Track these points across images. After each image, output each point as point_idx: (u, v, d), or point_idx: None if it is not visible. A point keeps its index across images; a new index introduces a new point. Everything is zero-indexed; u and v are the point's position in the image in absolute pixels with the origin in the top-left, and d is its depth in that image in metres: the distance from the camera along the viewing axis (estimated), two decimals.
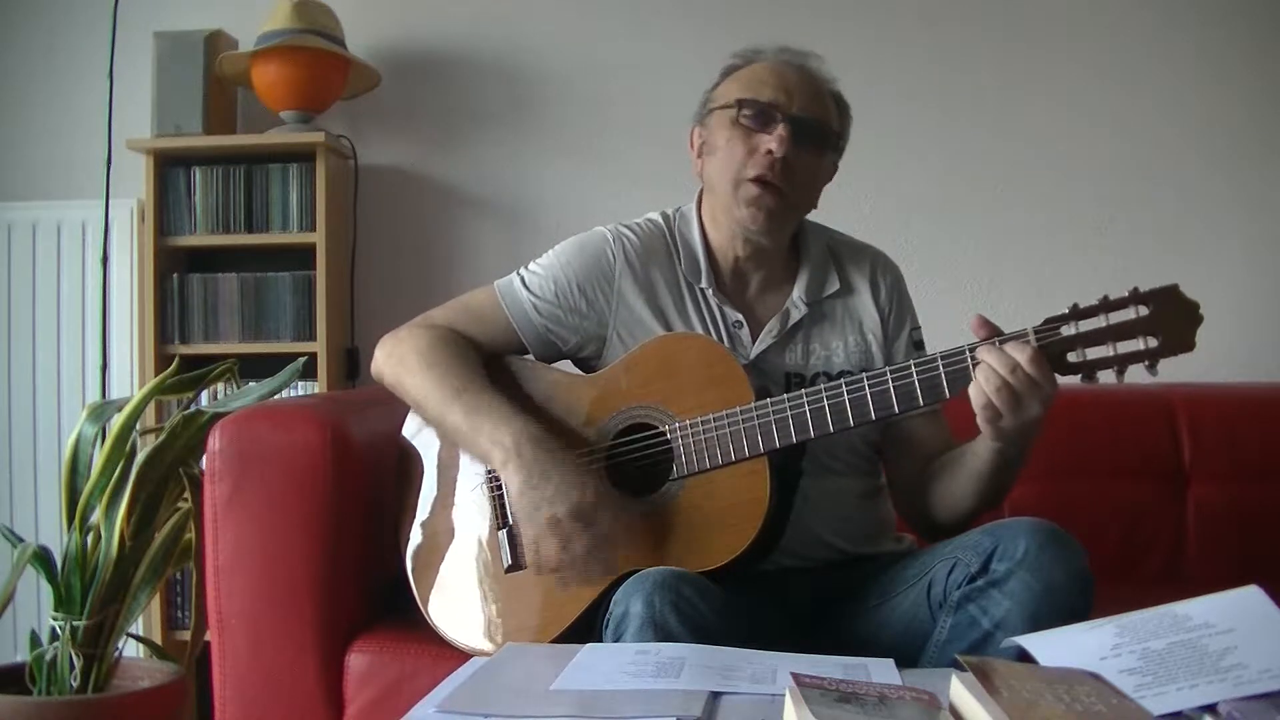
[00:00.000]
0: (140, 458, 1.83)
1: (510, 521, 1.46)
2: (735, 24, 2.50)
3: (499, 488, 1.47)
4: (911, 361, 1.31)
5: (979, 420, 1.26)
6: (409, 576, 1.52)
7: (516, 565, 1.45)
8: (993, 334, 1.27)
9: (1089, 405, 2.06)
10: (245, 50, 2.50)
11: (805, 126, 1.45)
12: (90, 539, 1.85)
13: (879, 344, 1.53)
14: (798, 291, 1.52)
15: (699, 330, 1.50)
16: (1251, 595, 0.93)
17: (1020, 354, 1.23)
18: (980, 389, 1.24)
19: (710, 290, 1.51)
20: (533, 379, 1.52)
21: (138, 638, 2.16)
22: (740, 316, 1.51)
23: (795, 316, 1.51)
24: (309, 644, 1.54)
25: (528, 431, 1.39)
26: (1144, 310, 1.24)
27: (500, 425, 1.40)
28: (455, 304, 1.58)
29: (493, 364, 1.53)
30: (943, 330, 1.58)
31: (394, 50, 2.65)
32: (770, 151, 1.43)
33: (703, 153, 1.53)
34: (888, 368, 1.33)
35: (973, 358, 1.27)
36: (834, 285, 1.54)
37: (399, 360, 1.51)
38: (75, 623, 1.82)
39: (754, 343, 1.50)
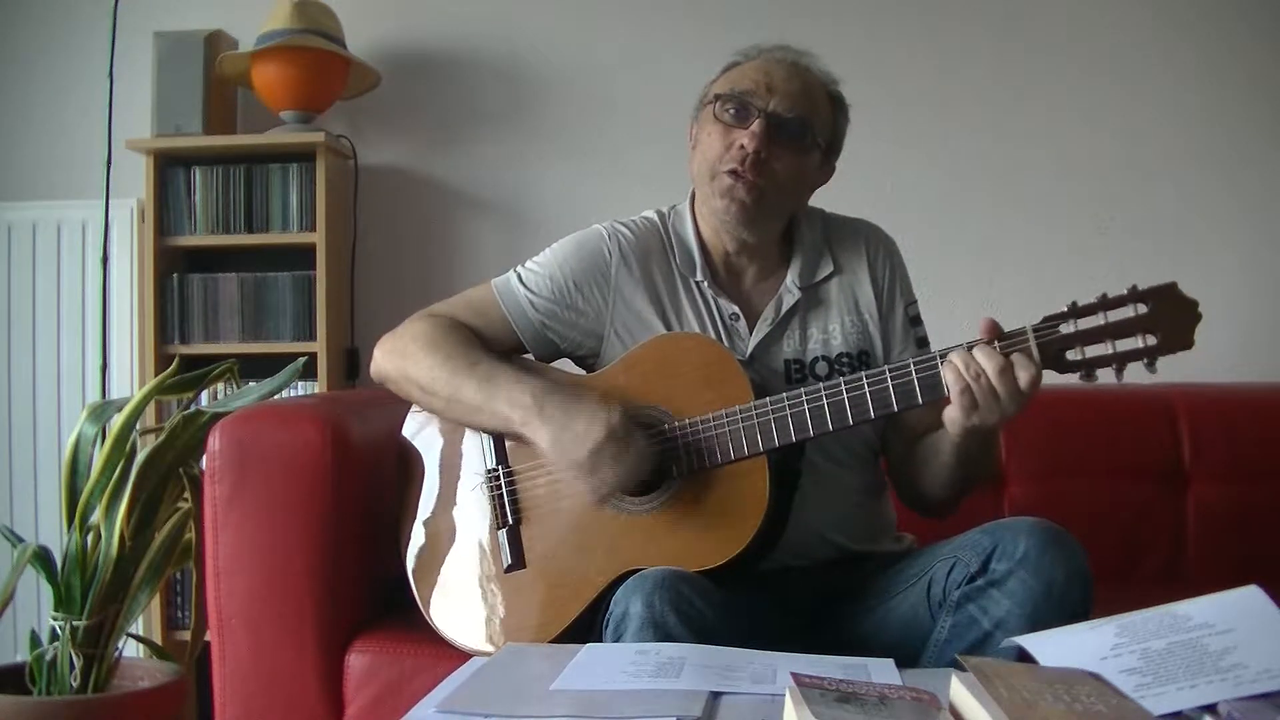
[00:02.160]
0: (140, 458, 1.83)
1: (510, 521, 1.46)
2: (735, 24, 2.49)
3: (499, 487, 1.47)
4: (910, 360, 1.31)
5: (951, 408, 1.26)
6: (409, 576, 1.53)
7: (516, 565, 1.45)
8: (995, 336, 1.26)
9: (1089, 405, 2.06)
10: (245, 50, 2.50)
11: (782, 123, 1.45)
12: (90, 539, 1.85)
13: (875, 322, 1.53)
14: (790, 277, 1.52)
15: (695, 324, 1.50)
16: (1251, 595, 0.93)
17: (1018, 365, 1.23)
18: (958, 373, 1.24)
19: (705, 283, 1.51)
20: None
21: (138, 638, 2.17)
22: (736, 308, 1.51)
23: (789, 302, 1.51)
24: (309, 644, 1.54)
25: (543, 386, 1.40)
26: (1143, 308, 1.23)
27: (516, 386, 1.41)
28: (453, 300, 1.57)
29: None
30: (942, 331, 1.58)
31: (394, 50, 2.66)
32: (743, 146, 1.44)
33: (694, 147, 1.53)
34: (886, 366, 1.33)
35: None
36: (828, 268, 1.54)
37: (400, 352, 1.50)
38: (75, 623, 1.82)
39: (751, 333, 1.50)
